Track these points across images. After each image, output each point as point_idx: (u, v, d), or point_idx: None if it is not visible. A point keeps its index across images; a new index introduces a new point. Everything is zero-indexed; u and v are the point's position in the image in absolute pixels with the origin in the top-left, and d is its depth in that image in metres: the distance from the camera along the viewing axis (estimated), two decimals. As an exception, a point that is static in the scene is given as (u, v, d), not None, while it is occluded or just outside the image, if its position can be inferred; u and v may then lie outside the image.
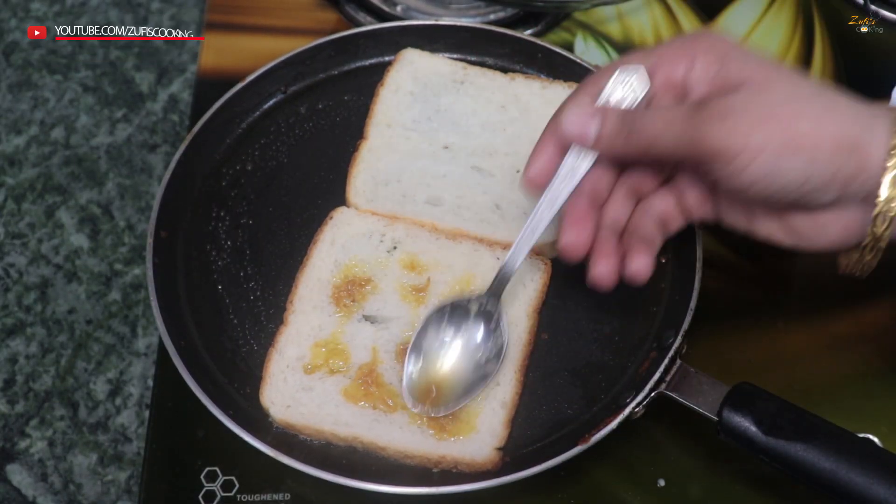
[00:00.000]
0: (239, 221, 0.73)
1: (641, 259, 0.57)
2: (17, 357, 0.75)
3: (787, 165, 0.49)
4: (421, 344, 0.62)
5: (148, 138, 0.87)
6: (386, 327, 0.65)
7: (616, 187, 0.60)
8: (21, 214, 0.83)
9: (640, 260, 0.57)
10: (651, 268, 0.58)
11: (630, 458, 0.65)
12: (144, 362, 0.74)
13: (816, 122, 0.49)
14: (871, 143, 0.50)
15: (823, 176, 0.50)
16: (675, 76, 0.55)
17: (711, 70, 0.54)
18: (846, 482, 0.54)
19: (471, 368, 0.61)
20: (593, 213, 0.59)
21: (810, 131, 0.49)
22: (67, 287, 0.78)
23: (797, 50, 0.87)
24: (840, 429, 0.56)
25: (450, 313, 0.63)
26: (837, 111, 0.50)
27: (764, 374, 0.63)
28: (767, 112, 0.50)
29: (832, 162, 0.49)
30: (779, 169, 0.49)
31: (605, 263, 0.58)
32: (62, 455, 0.70)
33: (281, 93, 0.79)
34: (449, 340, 0.62)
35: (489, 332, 0.62)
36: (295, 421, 0.62)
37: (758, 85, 0.51)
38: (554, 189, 0.58)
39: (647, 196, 0.61)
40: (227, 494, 0.64)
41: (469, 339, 0.62)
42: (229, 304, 0.69)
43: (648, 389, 0.60)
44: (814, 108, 0.50)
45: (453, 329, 0.62)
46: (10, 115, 0.89)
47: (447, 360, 0.61)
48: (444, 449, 0.61)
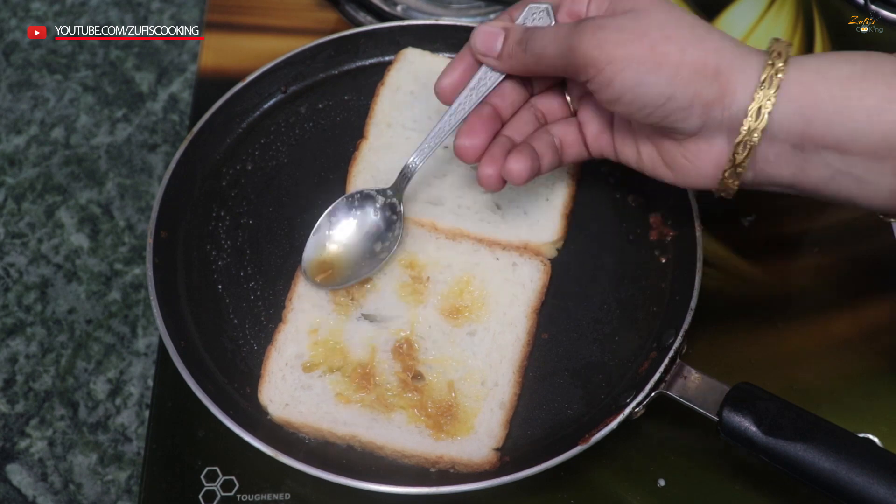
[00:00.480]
0: (239, 221, 0.73)
1: (520, 162, 0.61)
2: (17, 357, 0.75)
3: (649, 80, 0.53)
4: (326, 222, 0.68)
5: (148, 138, 0.87)
6: (384, 326, 0.65)
7: (523, 108, 0.65)
8: (21, 214, 0.83)
9: (518, 162, 0.61)
10: (527, 173, 0.61)
11: (630, 458, 0.65)
12: (144, 362, 0.74)
13: (683, 45, 0.53)
14: (736, 74, 0.53)
15: (684, 96, 0.53)
16: (576, 9, 0.61)
17: (605, 2, 0.59)
18: (846, 482, 0.54)
19: (364, 250, 0.67)
20: (493, 125, 0.63)
21: (674, 53, 0.53)
22: (67, 287, 0.78)
23: (797, 50, 0.87)
24: (840, 429, 0.56)
25: (359, 199, 0.68)
26: (708, 41, 0.54)
27: (764, 374, 0.63)
28: (639, 32, 0.54)
29: (692, 83, 0.53)
30: (641, 83, 0.53)
31: (490, 166, 0.61)
32: (62, 455, 0.70)
33: (281, 93, 0.79)
34: (349, 222, 0.68)
35: (388, 222, 0.67)
36: (293, 419, 0.62)
37: (639, 11, 0.55)
38: (461, 99, 0.63)
39: (551, 122, 0.66)
40: (227, 494, 0.64)
41: (366, 223, 0.68)
42: (229, 304, 0.69)
43: (648, 389, 0.60)
44: (684, 35, 0.54)
45: (355, 213, 0.68)
46: (10, 115, 0.89)
47: (343, 238, 0.67)
48: (441, 449, 0.61)
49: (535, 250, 0.69)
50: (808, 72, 0.53)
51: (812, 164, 0.54)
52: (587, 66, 0.55)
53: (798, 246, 0.75)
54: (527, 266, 0.68)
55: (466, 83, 0.63)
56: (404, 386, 0.63)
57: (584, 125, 0.64)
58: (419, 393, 0.63)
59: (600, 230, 0.72)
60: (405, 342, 0.64)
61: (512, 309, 0.66)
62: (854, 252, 0.73)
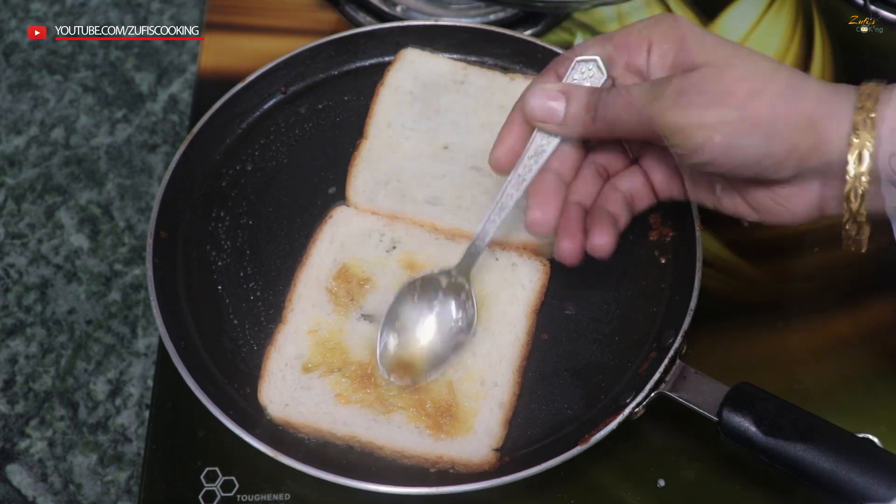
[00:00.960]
0: (239, 222, 0.73)
1: (604, 235, 0.58)
2: (17, 357, 0.75)
3: (743, 142, 0.50)
4: (394, 317, 0.63)
5: (148, 138, 0.87)
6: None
7: (584, 166, 0.61)
8: (21, 215, 0.83)
9: (603, 236, 0.58)
10: (613, 244, 0.59)
11: (630, 458, 0.65)
12: (144, 362, 0.74)
13: (772, 99, 0.50)
14: (829, 119, 0.50)
15: (780, 152, 0.51)
16: (635, 62, 0.56)
17: (669, 55, 0.55)
18: (846, 482, 0.54)
19: (442, 340, 0.63)
20: (560, 191, 0.60)
21: (765, 109, 0.50)
22: (67, 287, 0.78)
23: (797, 50, 0.87)
24: (840, 429, 0.56)
25: (420, 287, 0.64)
26: (794, 89, 0.51)
27: (764, 375, 0.63)
28: (724, 90, 0.50)
29: (788, 138, 0.50)
30: (736, 146, 0.50)
31: (569, 240, 0.59)
32: (62, 455, 0.70)
33: (281, 93, 0.79)
34: (420, 313, 0.63)
35: (460, 305, 0.63)
36: (293, 419, 0.62)
37: (715, 65, 0.52)
38: (521, 169, 0.59)
39: (614, 175, 0.62)
40: (227, 495, 0.64)
41: (440, 311, 0.64)
42: (229, 305, 0.69)
43: (648, 390, 0.60)
44: (770, 87, 0.51)
45: (425, 302, 0.64)
46: (10, 116, 0.89)
47: (420, 333, 0.63)
48: (441, 449, 0.61)
49: (534, 250, 0.69)
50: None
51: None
52: (672, 133, 0.52)
53: (798, 246, 0.75)
54: (526, 266, 0.68)
55: (522, 150, 0.59)
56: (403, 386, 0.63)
57: (650, 172, 0.62)
58: (418, 393, 0.63)
59: (600, 230, 0.72)
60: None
61: (511, 309, 0.66)
62: (854, 252, 0.73)
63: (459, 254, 0.68)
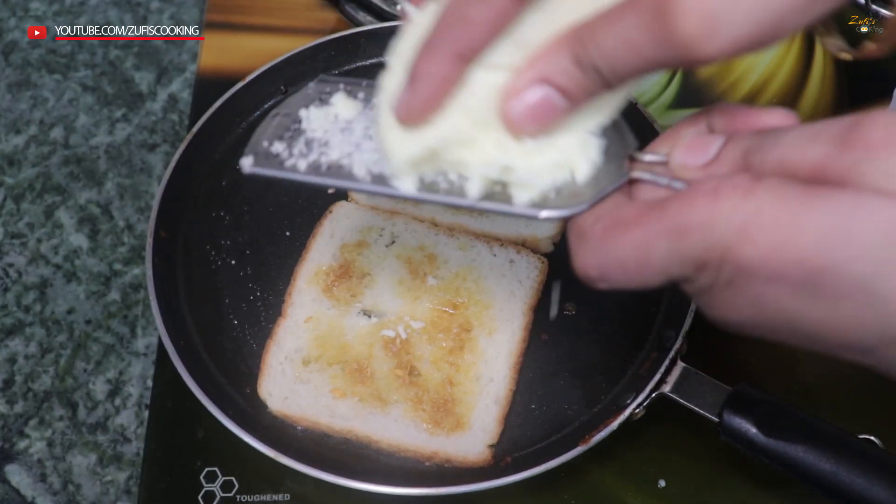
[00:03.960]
0: (239, 221, 0.73)
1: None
2: (16, 357, 0.75)
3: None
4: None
5: (147, 138, 0.87)
6: (382, 321, 0.65)
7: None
8: (20, 214, 0.82)
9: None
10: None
11: (631, 458, 0.65)
12: (144, 362, 0.74)
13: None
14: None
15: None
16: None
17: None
18: (847, 483, 0.54)
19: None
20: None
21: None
22: (66, 287, 0.78)
23: (798, 50, 0.87)
24: (840, 430, 0.56)
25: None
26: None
27: (764, 375, 0.63)
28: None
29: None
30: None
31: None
32: (61, 455, 0.70)
33: (281, 92, 0.79)
34: None
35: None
36: (292, 412, 0.62)
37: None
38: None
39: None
40: (227, 495, 0.63)
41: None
42: (229, 305, 0.69)
43: (649, 391, 0.60)
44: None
45: None
46: (9, 115, 0.89)
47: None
48: (436, 444, 0.61)
49: (532, 245, 0.69)
50: None
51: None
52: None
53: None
54: (524, 262, 0.68)
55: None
56: (401, 381, 0.63)
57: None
58: (415, 388, 0.63)
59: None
60: (402, 337, 0.64)
61: (509, 305, 0.66)
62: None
63: (458, 249, 0.68)
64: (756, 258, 0.32)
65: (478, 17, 0.36)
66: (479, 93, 0.38)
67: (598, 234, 0.37)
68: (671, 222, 0.34)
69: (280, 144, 0.43)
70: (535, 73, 0.37)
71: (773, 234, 0.32)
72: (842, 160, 0.32)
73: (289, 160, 0.42)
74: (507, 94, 0.38)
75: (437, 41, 0.38)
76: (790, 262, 0.32)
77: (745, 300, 0.34)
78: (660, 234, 0.35)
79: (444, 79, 0.38)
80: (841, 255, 0.31)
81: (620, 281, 0.38)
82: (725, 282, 0.34)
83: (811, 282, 0.32)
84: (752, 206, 0.32)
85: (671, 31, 0.33)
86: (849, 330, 0.33)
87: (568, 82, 0.37)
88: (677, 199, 0.35)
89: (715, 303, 0.36)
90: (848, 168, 0.32)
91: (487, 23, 0.37)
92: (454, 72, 0.38)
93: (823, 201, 0.32)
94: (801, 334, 0.35)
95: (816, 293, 0.32)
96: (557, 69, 0.37)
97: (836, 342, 0.35)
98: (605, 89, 0.37)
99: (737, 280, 0.34)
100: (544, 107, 0.38)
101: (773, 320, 0.35)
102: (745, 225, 0.32)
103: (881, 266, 0.31)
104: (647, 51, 0.34)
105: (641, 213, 0.36)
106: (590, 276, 0.39)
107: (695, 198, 0.34)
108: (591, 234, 0.38)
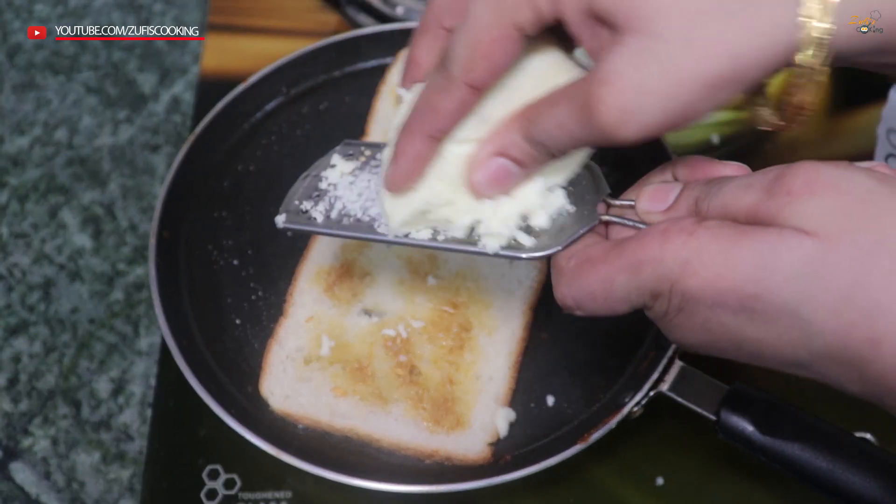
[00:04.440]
0: (241, 222, 0.73)
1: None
2: (20, 356, 0.75)
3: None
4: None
5: (150, 139, 0.87)
6: (383, 320, 0.66)
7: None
8: (24, 214, 0.83)
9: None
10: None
11: (629, 456, 0.65)
12: (147, 361, 0.74)
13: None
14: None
15: None
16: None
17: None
18: (843, 481, 0.54)
19: None
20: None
21: None
22: (70, 287, 0.79)
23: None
24: (837, 428, 0.56)
25: None
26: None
27: (762, 374, 0.63)
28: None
29: None
30: None
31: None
32: (65, 453, 0.71)
33: (282, 94, 0.79)
34: None
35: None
36: (293, 411, 0.62)
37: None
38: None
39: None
40: (229, 493, 0.64)
41: None
42: (231, 304, 0.69)
43: (647, 389, 0.60)
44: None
45: None
46: (13, 116, 0.89)
47: None
48: (436, 443, 0.61)
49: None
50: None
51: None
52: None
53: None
54: (524, 262, 0.68)
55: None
56: (401, 379, 0.63)
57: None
58: (415, 386, 0.63)
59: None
60: (402, 336, 0.65)
61: (508, 304, 0.67)
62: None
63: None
64: (698, 288, 0.39)
65: (443, 107, 0.44)
66: (452, 163, 0.46)
67: (571, 269, 0.45)
68: (629, 259, 0.41)
69: (308, 202, 0.53)
70: (493, 148, 0.45)
71: (711, 267, 0.39)
72: (770, 205, 0.39)
73: (315, 215, 0.52)
74: (471, 165, 0.46)
75: (412, 126, 0.46)
76: (726, 291, 0.38)
77: (696, 324, 0.41)
78: (620, 269, 0.42)
79: (420, 156, 0.46)
80: (767, 283, 0.37)
81: (592, 309, 0.45)
82: (677, 308, 0.41)
83: (747, 307, 0.38)
84: (695, 244, 0.39)
85: (594, 120, 0.40)
86: (784, 348, 0.39)
87: (519, 154, 0.45)
88: (634, 239, 0.42)
89: (672, 326, 0.42)
90: (774, 211, 0.38)
91: (451, 111, 0.44)
92: (428, 150, 0.46)
93: (752, 239, 0.38)
94: (746, 353, 0.41)
95: (753, 317, 0.38)
96: (511, 143, 0.45)
97: (776, 359, 0.40)
98: (552, 158, 0.45)
99: (686, 307, 0.40)
100: (501, 174, 0.46)
101: (722, 341, 0.41)
102: (688, 260, 0.39)
103: (801, 293, 0.37)
104: (577, 133, 0.42)
105: (606, 251, 0.43)
106: (567, 305, 0.45)
107: (648, 238, 0.41)
108: (567, 270, 0.45)
